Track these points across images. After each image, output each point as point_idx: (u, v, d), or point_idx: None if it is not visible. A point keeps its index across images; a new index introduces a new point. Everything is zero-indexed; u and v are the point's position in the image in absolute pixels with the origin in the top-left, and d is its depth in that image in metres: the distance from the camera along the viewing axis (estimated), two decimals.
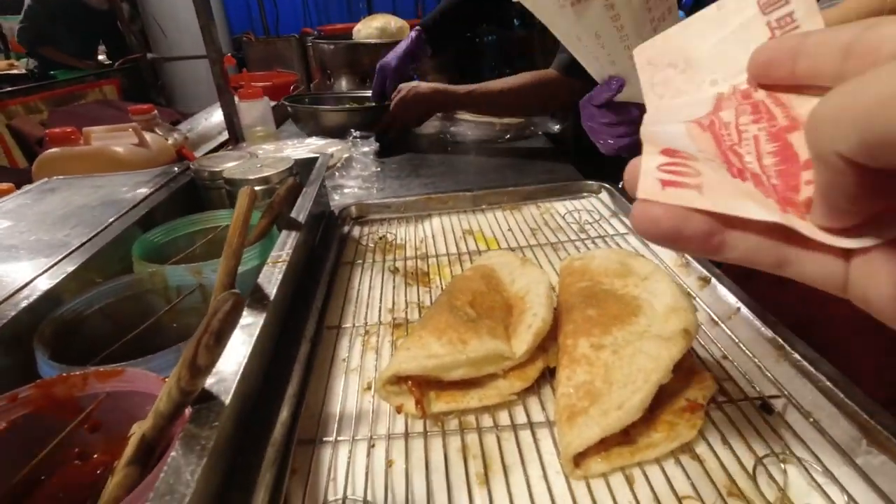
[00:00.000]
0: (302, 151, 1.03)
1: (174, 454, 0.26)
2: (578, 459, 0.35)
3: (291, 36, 2.48)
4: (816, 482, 0.33)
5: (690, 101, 0.21)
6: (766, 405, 0.39)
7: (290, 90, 1.83)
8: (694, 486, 0.34)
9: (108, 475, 0.30)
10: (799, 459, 0.35)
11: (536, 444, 0.38)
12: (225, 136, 1.25)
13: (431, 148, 1.18)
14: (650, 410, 0.36)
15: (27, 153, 1.96)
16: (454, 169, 1.03)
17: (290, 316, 0.50)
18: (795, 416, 0.38)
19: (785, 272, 0.19)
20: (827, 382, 0.39)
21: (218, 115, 1.37)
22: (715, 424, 0.38)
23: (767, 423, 0.38)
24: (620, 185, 0.80)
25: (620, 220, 0.71)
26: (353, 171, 1.00)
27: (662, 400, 0.39)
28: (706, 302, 0.51)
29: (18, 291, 0.43)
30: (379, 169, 1.02)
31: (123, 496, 0.28)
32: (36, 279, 0.44)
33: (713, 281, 0.53)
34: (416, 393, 0.39)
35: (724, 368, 0.43)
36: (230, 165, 0.68)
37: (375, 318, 0.54)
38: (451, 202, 0.79)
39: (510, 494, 0.34)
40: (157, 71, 2.95)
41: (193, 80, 2.90)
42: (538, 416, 0.40)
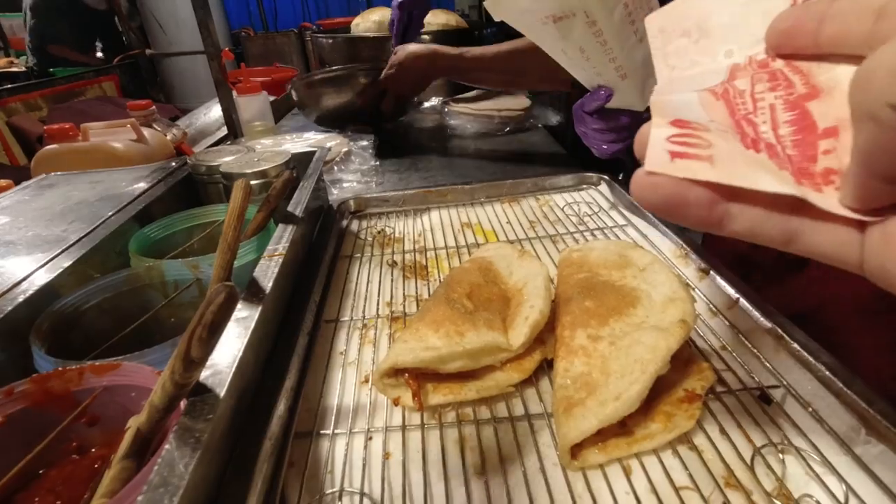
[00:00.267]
0: (300, 146, 1.03)
1: (168, 447, 0.26)
2: (576, 451, 0.35)
3: (290, 31, 2.47)
4: (815, 472, 0.33)
5: (704, 71, 0.20)
6: (764, 395, 0.39)
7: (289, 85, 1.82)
8: (691, 476, 0.34)
9: (105, 469, 0.30)
10: (797, 449, 0.35)
11: (534, 435, 0.38)
12: (224, 131, 1.24)
13: (430, 142, 1.17)
14: (648, 401, 0.36)
15: (27, 150, 1.96)
16: (453, 163, 1.02)
17: (288, 309, 0.50)
18: (794, 405, 0.38)
19: (793, 247, 0.18)
20: (826, 372, 0.38)
21: (217, 110, 1.37)
22: (713, 415, 0.38)
23: (766, 413, 0.38)
24: (620, 176, 0.79)
25: (619, 211, 0.71)
26: (351, 165, 0.99)
27: (660, 391, 0.38)
28: (705, 293, 0.51)
29: (16, 286, 0.43)
30: (378, 163, 1.02)
31: (119, 489, 0.28)
32: (33, 274, 0.44)
33: (712, 272, 0.53)
34: (413, 385, 0.39)
35: (722, 359, 0.43)
36: (227, 160, 0.67)
37: (373, 311, 0.54)
38: (449, 195, 0.78)
39: (507, 486, 0.34)
40: (156, 67, 2.95)
41: (192, 76, 2.89)
42: (536, 407, 0.40)
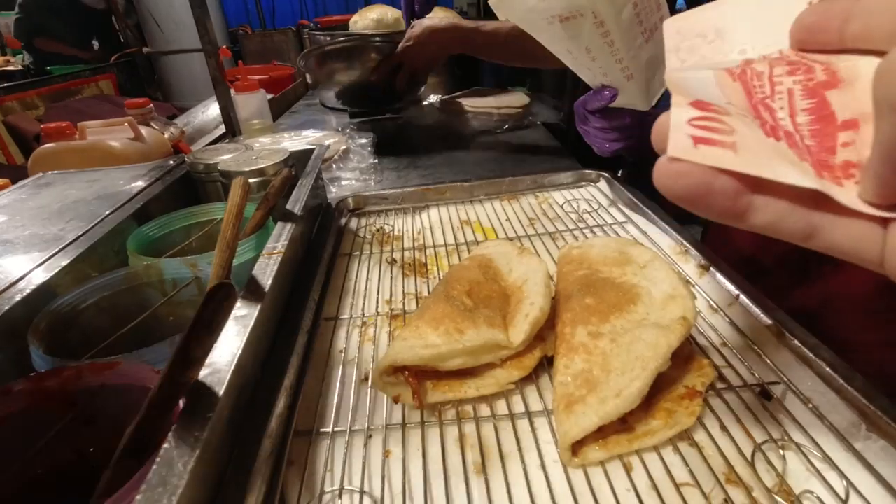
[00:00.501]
0: (299, 143, 1.02)
1: (167, 446, 0.25)
2: (576, 448, 0.35)
3: (288, 28, 2.46)
4: (815, 468, 0.33)
5: (717, 62, 0.19)
6: (765, 392, 0.39)
7: (287, 83, 1.81)
8: (692, 473, 0.33)
9: (105, 469, 0.30)
10: (798, 445, 0.34)
11: (534, 433, 0.38)
12: (222, 129, 1.24)
13: (429, 139, 1.17)
14: (649, 398, 0.36)
15: (24, 149, 1.95)
16: (452, 160, 1.02)
17: (287, 308, 0.49)
18: (794, 402, 0.38)
19: (813, 243, 0.17)
20: (826, 368, 0.38)
21: (214, 108, 1.37)
22: (713, 411, 0.38)
23: (766, 409, 0.38)
24: (619, 173, 0.79)
25: (619, 208, 0.71)
26: (350, 162, 0.99)
27: (661, 387, 0.38)
28: (706, 290, 0.51)
29: (13, 285, 0.43)
30: (376, 161, 1.01)
31: (118, 489, 0.27)
32: (30, 273, 0.44)
33: (712, 269, 0.53)
34: (412, 383, 0.39)
35: (723, 356, 0.43)
36: (225, 158, 0.67)
37: (373, 309, 0.53)
38: (448, 193, 0.78)
39: (507, 484, 0.34)
40: (153, 65, 2.94)
41: (190, 74, 2.88)
42: (536, 405, 0.40)
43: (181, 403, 0.29)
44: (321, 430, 0.39)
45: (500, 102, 1.28)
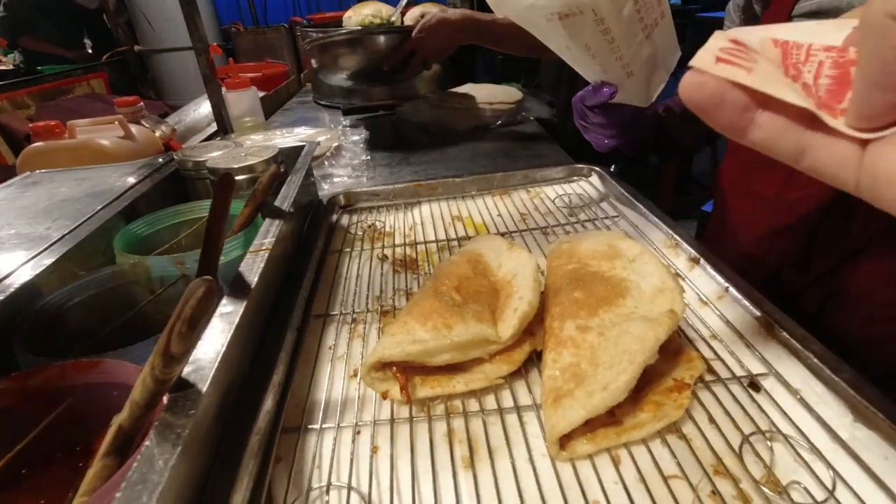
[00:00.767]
0: (291, 141, 1.02)
1: (148, 443, 0.25)
2: (564, 441, 0.35)
3: (280, 26, 2.44)
4: (803, 459, 0.33)
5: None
6: (753, 383, 0.39)
7: (280, 81, 1.80)
8: (680, 465, 0.33)
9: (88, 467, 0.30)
10: (785, 437, 0.34)
11: (523, 427, 0.38)
12: (214, 127, 1.23)
13: (422, 135, 1.16)
14: (637, 391, 0.36)
15: (15, 149, 1.94)
16: (445, 156, 1.02)
17: (276, 305, 0.49)
18: (783, 393, 0.38)
19: (801, 163, 0.20)
20: (815, 360, 0.39)
21: (206, 106, 1.35)
22: (702, 404, 0.38)
23: (755, 401, 0.38)
24: (612, 168, 0.79)
25: (611, 203, 0.70)
26: (342, 159, 0.99)
27: (650, 380, 0.38)
28: (695, 283, 0.51)
29: None
30: (369, 157, 1.01)
31: (100, 486, 0.27)
32: (15, 272, 0.44)
33: (702, 261, 0.53)
34: (400, 379, 0.38)
35: (712, 348, 0.43)
36: (214, 155, 0.67)
37: (363, 305, 0.53)
38: (440, 189, 0.78)
39: (495, 478, 0.34)
40: (145, 64, 2.91)
41: (183, 72, 2.86)
42: (525, 399, 0.40)
43: (164, 400, 0.29)
44: (309, 426, 0.39)
45: (493, 98, 1.28)
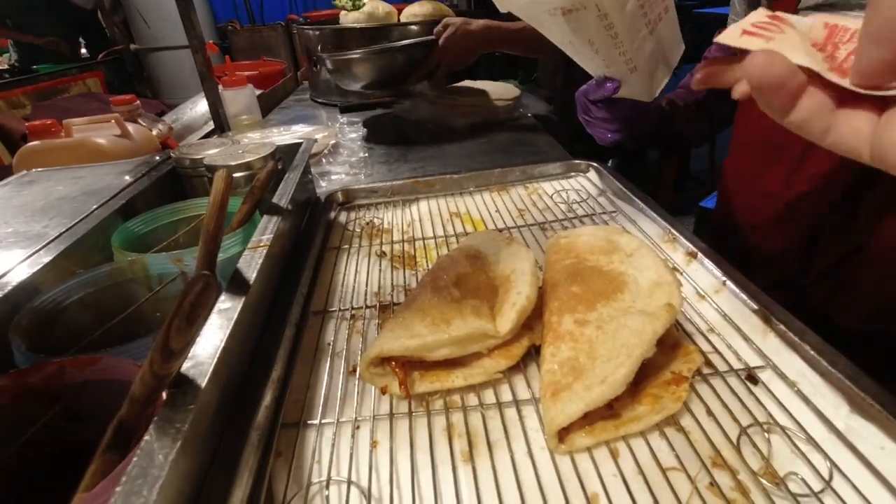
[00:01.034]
0: (288, 138, 1.02)
1: (147, 438, 0.25)
2: (563, 434, 0.35)
3: (277, 23, 2.43)
4: (800, 450, 0.33)
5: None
6: (751, 376, 0.39)
7: (277, 79, 1.80)
8: (678, 457, 0.34)
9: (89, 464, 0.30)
10: (783, 428, 0.35)
11: (521, 421, 0.38)
12: (211, 126, 1.23)
13: (420, 132, 1.16)
14: (635, 384, 0.36)
15: (11, 149, 1.93)
16: (443, 153, 1.02)
17: (275, 301, 0.49)
18: (780, 385, 0.38)
19: (825, 140, 0.23)
20: (811, 352, 0.39)
21: (203, 105, 1.35)
22: (700, 397, 0.38)
23: (752, 393, 0.38)
24: (609, 163, 0.79)
25: (608, 198, 0.71)
26: (340, 157, 0.99)
27: (648, 374, 0.38)
28: (693, 276, 0.51)
29: None
30: (366, 154, 1.01)
31: (101, 482, 0.27)
32: (11, 270, 0.44)
33: (700, 255, 0.53)
34: (399, 374, 0.38)
35: (710, 341, 0.43)
36: (211, 152, 0.67)
37: (362, 301, 0.53)
38: (438, 185, 0.78)
39: (495, 471, 0.34)
40: (141, 62, 2.90)
41: (179, 71, 2.85)
42: (524, 393, 0.40)
43: (164, 396, 0.29)
44: (309, 421, 0.39)
45: (491, 95, 1.28)
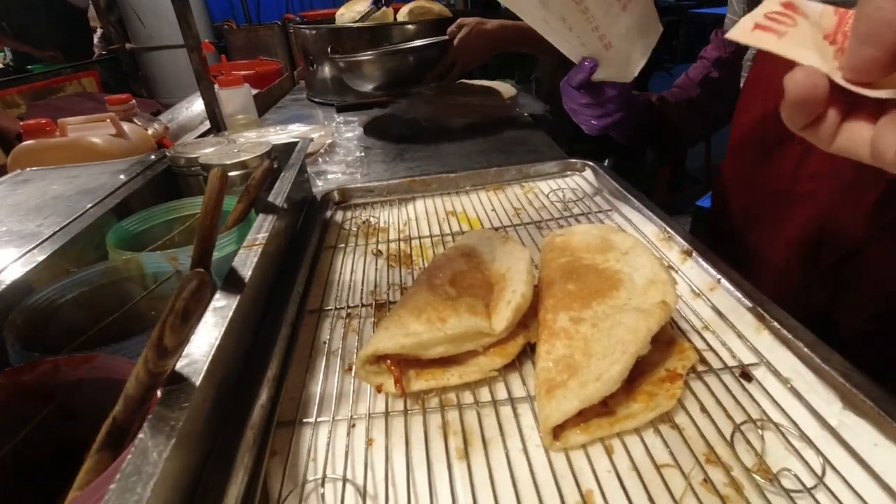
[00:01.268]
0: (284, 137, 1.02)
1: (142, 436, 0.25)
2: (558, 432, 0.35)
3: (274, 23, 2.42)
4: (793, 446, 0.33)
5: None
6: (745, 373, 0.39)
7: (273, 78, 1.80)
8: (673, 454, 0.34)
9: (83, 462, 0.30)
10: (776, 425, 0.35)
11: (517, 418, 0.38)
12: (207, 125, 1.22)
13: (416, 131, 1.16)
14: (630, 382, 0.36)
15: (6, 149, 1.92)
16: (439, 152, 1.02)
17: (270, 300, 0.49)
18: (774, 382, 0.38)
19: (832, 146, 0.25)
20: (805, 349, 0.39)
21: (199, 104, 1.35)
22: (694, 394, 0.38)
23: (746, 390, 0.38)
24: (605, 162, 0.79)
25: (604, 197, 0.71)
26: (336, 156, 0.99)
27: (643, 371, 0.39)
28: (688, 274, 0.51)
29: None
30: (363, 154, 1.01)
31: (94, 480, 0.27)
32: (6, 269, 0.43)
33: (695, 254, 0.53)
34: (395, 372, 0.38)
35: (704, 339, 0.43)
36: (207, 151, 0.66)
37: (358, 300, 0.53)
38: (434, 184, 0.78)
39: (489, 468, 0.34)
40: (137, 62, 2.89)
41: (175, 70, 2.83)
42: (519, 391, 0.40)
43: (158, 394, 0.29)
44: (304, 419, 0.39)
45: (487, 94, 1.28)
